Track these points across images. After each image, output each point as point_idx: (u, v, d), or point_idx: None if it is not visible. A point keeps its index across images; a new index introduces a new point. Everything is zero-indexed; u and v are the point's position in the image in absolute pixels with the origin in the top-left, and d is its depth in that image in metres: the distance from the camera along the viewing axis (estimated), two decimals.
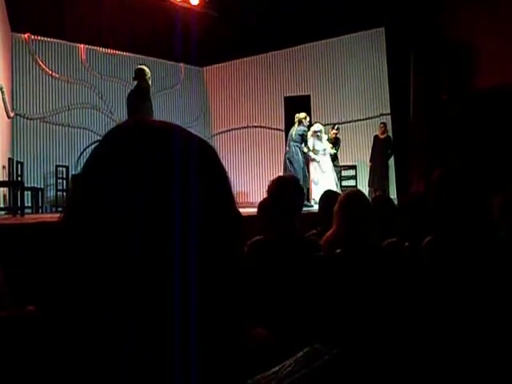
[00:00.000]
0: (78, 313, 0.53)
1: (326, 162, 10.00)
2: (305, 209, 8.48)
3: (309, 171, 9.99)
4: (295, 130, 9.73)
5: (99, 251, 0.53)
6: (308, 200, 9.58)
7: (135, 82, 7.28)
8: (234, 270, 0.60)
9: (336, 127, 10.96)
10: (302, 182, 8.88)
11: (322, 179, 9.78)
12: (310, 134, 9.97)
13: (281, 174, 9.24)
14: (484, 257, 2.01)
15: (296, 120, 9.86)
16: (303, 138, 9.68)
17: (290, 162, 9.47)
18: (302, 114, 9.85)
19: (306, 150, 9.83)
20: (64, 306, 0.54)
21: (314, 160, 9.91)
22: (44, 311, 0.57)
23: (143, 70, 7.22)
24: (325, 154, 9.99)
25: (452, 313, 1.98)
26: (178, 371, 0.52)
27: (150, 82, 7.29)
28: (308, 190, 9.67)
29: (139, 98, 6.97)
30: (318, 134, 9.97)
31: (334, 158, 10.56)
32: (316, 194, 9.56)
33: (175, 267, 0.52)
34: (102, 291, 0.52)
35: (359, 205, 2.76)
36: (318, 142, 9.94)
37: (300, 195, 2.83)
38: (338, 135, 10.88)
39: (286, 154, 9.73)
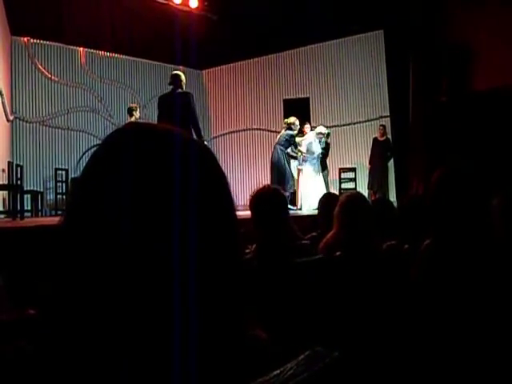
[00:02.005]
0: (79, 315, 0.53)
1: (317, 166, 9.95)
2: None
3: (298, 174, 9.97)
4: (283, 134, 9.67)
5: (99, 254, 0.53)
6: (293, 203, 9.51)
7: (170, 87, 7.31)
8: (234, 273, 0.60)
9: (327, 133, 10.86)
10: (287, 186, 8.86)
11: (313, 184, 9.70)
12: (313, 135, 9.95)
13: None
14: (483, 259, 2.01)
15: (285, 125, 9.78)
16: (290, 143, 9.58)
17: (275, 166, 9.41)
18: (292, 119, 9.76)
19: (298, 153, 9.76)
20: (64, 309, 0.54)
21: (304, 163, 9.84)
22: (44, 314, 0.57)
23: (180, 76, 7.26)
24: (317, 159, 9.94)
25: (452, 315, 1.97)
26: (178, 374, 0.52)
27: (184, 88, 7.32)
28: (293, 193, 9.60)
29: (192, 103, 7.04)
30: (322, 136, 9.94)
31: (324, 164, 10.50)
32: (306, 198, 9.52)
33: (175, 270, 0.52)
34: (101, 294, 0.52)
35: (360, 207, 2.75)
36: (317, 145, 9.88)
37: (279, 206, 2.78)
38: (328, 141, 10.77)
39: (272, 157, 9.67)
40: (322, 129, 10.08)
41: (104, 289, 0.52)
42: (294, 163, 10.09)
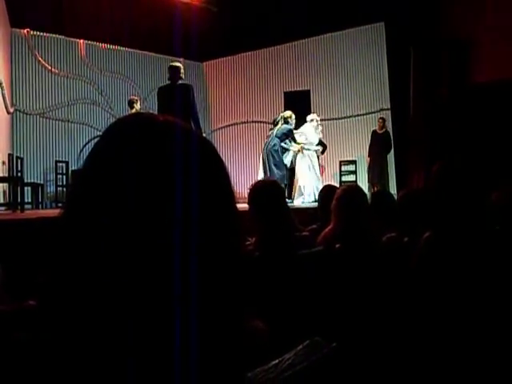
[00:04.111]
0: (79, 308, 0.53)
1: (315, 158, 9.88)
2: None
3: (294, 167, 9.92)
4: (280, 127, 9.46)
5: (99, 247, 0.53)
6: (290, 196, 9.37)
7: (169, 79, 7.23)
8: (235, 265, 0.60)
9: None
10: (281, 178, 8.68)
11: (313, 175, 9.63)
12: (307, 124, 9.88)
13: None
14: (482, 251, 2.01)
15: (281, 118, 9.59)
16: (288, 136, 9.42)
17: (268, 158, 9.21)
18: (288, 113, 9.60)
19: (296, 148, 9.64)
20: (64, 301, 0.54)
21: (305, 155, 9.73)
22: (44, 306, 0.57)
23: (179, 68, 7.18)
24: (316, 149, 9.88)
25: (451, 307, 1.98)
26: (177, 363, 0.52)
27: (183, 78, 7.28)
28: (286, 185, 9.34)
29: (192, 95, 7.00)
30: (317, 123, 9.84)
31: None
32: (306, 190, 9.47)
33: (175, 263, 0.52)
34: (101, 287, 0.52)
35: (356, 200, 2.75)
36: (314, 133, 9.78)
37: (277, 197, 2.77)
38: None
39: (264, 148, 9.46)
40: (313, 116, 9.96)
41: (104, 281, 0.52)
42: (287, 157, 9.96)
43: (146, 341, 0.52)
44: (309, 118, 9.93)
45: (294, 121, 9.70)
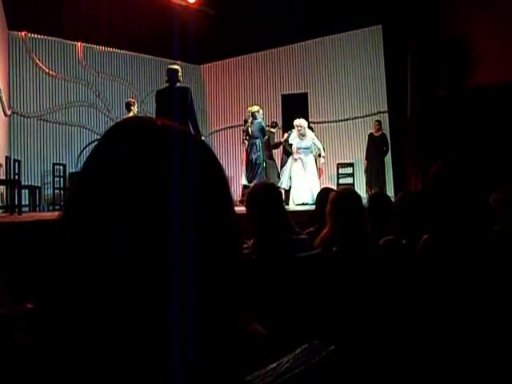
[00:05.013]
0: (76, 311, 0.53)
1: (310, 162, 9.70)
2: None
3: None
4: (252, 125, 9.37)
5: (97, 249, 0.53)
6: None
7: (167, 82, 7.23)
8: (233, 268, 0.60)
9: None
10: (262, 180, 8.57)
11: (306, 180, 9.47)
12: (293, 131, 9.79)
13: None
14: (483, 252, 2.01)
15: (249, 114, 9.52)
16: (263, 131, 9.36)
17: (256, 161, 9.18)
18: (255, 107, 9.60)
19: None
20: (61, 304, 0.54)
21: (296, 160, 9.60)
22: (42, 309, 0.57)
23: (177, 70, 7.18)
24: (308, 154, 9.71)
25: (450, 310, 1.98)
26: (175, 368, 0.52)
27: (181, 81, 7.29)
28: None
29: (190, 98, 6.99)
30: (299, 129, 9.59)
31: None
32: (297, 194, 9.43)
33: (173, 266, 0.52)
34: (99, 289, 0.52)
35: (350, 203, 2.75)
36: (300, 140, 9.61)
37: (275, 199, 2.77)
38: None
39: (249, 152, 9.42)
40: (297, 122, 9.68)
41: (102, 284, 0.52)
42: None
43: (145, 344, 0.52)
44: (294, 123, 9.75)
45: (261, 115, 9.66)
